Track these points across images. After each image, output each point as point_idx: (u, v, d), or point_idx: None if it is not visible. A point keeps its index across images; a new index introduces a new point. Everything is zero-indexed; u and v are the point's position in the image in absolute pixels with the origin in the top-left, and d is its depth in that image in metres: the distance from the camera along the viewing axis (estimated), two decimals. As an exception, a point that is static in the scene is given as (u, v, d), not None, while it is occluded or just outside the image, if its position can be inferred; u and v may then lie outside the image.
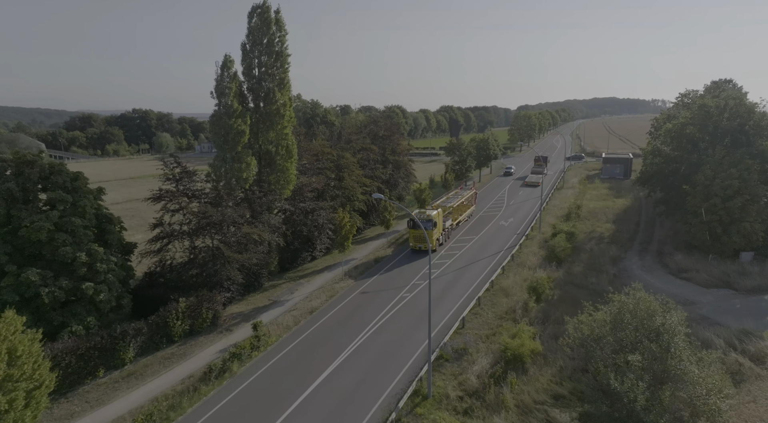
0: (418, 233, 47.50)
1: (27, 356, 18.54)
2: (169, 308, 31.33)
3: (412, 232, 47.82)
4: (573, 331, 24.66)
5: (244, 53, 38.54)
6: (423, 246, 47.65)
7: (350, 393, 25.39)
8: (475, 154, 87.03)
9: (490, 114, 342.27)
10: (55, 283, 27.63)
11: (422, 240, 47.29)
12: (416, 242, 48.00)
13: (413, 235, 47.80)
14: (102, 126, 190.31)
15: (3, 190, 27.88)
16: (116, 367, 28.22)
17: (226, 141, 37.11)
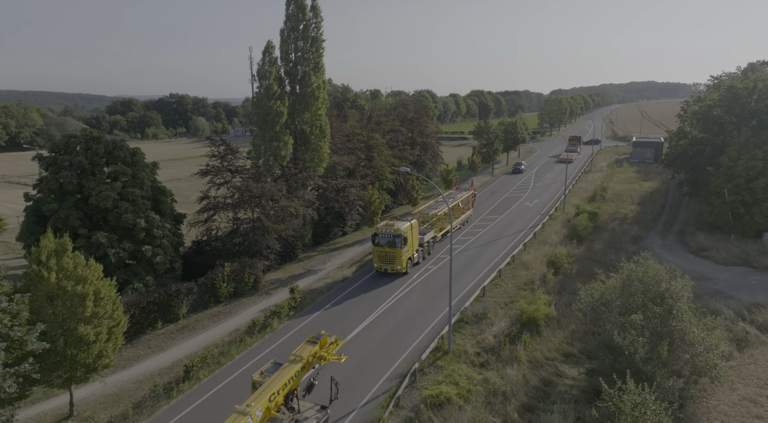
0: (382, 252, 37.73)
1: (108, 299, 21.96)
2: (216, 272, 34.76)
3: (376, 250, 37.96)
4: (584, 296, 26.69)
5: (283, 39, 41.24)
6: (390, 268, 37.86)
7: (377, 348, 28.24)
8: (503, 138, 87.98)
9: (521, 98, 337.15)
10: (120, 245, 31.29)
11: (389, 260, 37.71)
12: (381, 263, 38.02)
13: (377, 254, 38.06)
14: (141, 110, 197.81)
15: (75, 162, 31.55)
16: (172, 321, 31.87)
17: (266, 121, 40.06)
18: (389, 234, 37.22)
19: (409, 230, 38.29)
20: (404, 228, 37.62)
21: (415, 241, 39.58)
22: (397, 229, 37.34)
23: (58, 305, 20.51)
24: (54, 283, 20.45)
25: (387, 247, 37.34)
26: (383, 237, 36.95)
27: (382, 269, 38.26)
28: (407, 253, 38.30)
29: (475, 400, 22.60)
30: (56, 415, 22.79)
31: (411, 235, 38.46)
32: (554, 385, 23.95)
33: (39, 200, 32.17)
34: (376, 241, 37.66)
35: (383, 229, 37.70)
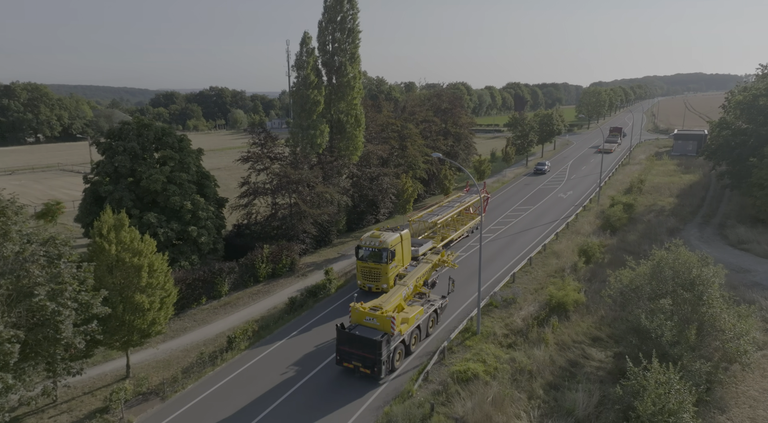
0: (366, 268, 32.55)
1: (160, 271, 23.86)
2: (255, 253, 36.60)
3: (359, 264, 32.88)
4: (614, 282, 26.98)
5: (320, 30, 42.57)
6: (374, 286, 32.50)
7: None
8: (538, 129, 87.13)
9: (559, 91, 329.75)
10: (168, 225, 33.43)
11: (373, 278, 32.41)
12: (365, 280, 32.89)
13: (360, 270, 33.02)
14: (183, 103, 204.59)
15: (128, 148, 33.84)
16: (215, 298, 33.89)
17: (304, 110, 41.57)
18: (374, 247, 32.10)
19: (398, 243, 32.99)
20: (392, 240, 32.25)
21: (407, 255, 34.49)
22: (383, 241, 32.08)
23: (117, 275, 22.49)
24: (114, 254, 22.44)
25: (371, 262, 32.16)
26: (367, 250, 32.26)
27: (366, 287, 32.85)
28: (395, 269, 32.75)
29: (501, 377, 23.42)
30: (115, 376, 24.98)
31: (401, 248, 33.18)
32: (581, 366, 24.49)
33: (96, 183, 34.64)
34: (359, 255, 32.66)
35: (367, 240, 32.72)
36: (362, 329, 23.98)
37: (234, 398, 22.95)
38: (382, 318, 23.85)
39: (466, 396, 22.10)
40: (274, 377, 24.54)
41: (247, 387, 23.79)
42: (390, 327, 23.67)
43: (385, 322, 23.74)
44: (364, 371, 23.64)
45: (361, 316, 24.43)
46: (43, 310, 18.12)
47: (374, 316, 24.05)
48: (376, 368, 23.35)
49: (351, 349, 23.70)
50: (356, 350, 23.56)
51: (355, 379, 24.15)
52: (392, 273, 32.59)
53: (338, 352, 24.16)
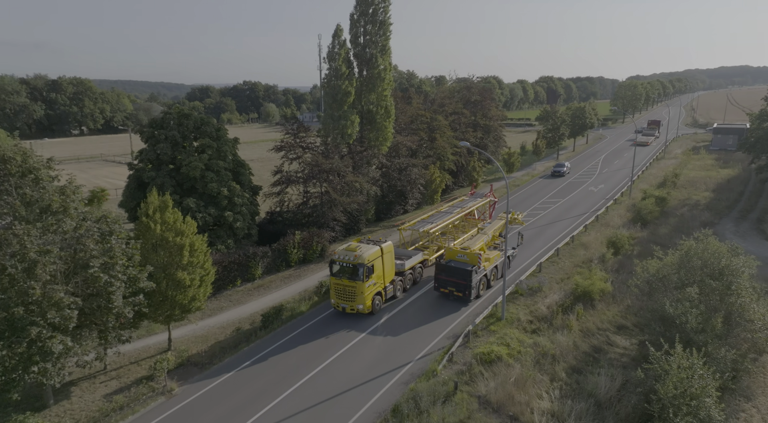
0: (339, 285, 28.80)
1: (200, 251, 25.35)
2: (287, 239, 37.99)
3: (333, 281, 29.14)
4: (640, 271, 27.03)
5: (352, 22, 43.49)
6: (348, 307, 28.84)
7: (433, 311, 30.16)
8: (570, 123, 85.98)
9: (594, 85, 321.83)
10: (206, 210, 35.10)
11: (347, 297, 28.69)
12: (338, 299, 29.14)
13: (333, 287, 29.21)
14: (217, 97, 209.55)
15: (169, 136, 35.64)
16: (249, 280, 35.45)
17: (335, 101, 42.65)
18: (348, 261, 28.20)
19: (377, 257, 29.13)
20: (369, 254, 28.42)
21: (389, 270, 30.46)
22: (359, 255, 28.11)
23: (161, 253, 24.04)
24: (158, 234, 24.00)
25: (345, 280, 28.33)
26: (341, 265, 28.45)
27: (340, 307, 29.14)
28: (373, 287, 28.94)
29: (524, 360, 23.97)
30: (158, 348, 26.72)
31: (381, 263, 29.41)
32: (604, 352, 24.79)
33: (140, 169, 36.61)
34: (332, 270, 28.85)
35: (341, 254, 28.77)
36: (455, 263, 30.69)
37: (268, 372, 24.28)
38: (471, 254, 30.48)
39: (489, 376, 22.77)
40: (306, 352, 25.78)
41: (281, 361, 25.07)
42: (477, 261, 30.27)
43: (473, 258, 30.31)
44: (457, 294, 30.66)
45: (454, 254, 31.21)
46: (97, 281, 19.73)
47: (465, 253, 30.74)
48: (467, 292, 30.16)
49: (447, 278, 30.70)
50: (451, 278, 30.55)
51: (385, 355, 25.14)
52: (369, 291, 28.61)
53: (436, 281, 31.32)
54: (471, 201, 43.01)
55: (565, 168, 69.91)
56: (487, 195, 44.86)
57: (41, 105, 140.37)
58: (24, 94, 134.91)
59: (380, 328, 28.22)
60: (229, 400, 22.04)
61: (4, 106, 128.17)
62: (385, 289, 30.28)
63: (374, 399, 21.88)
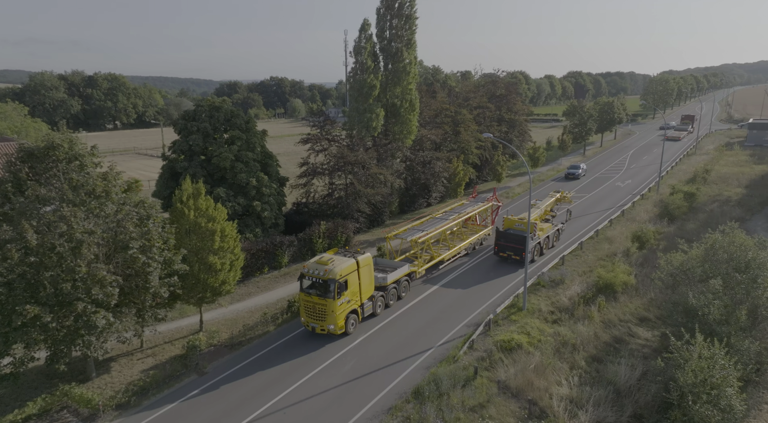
0: (309, 302, 25.97)
1: (230, 237, 26.45)
2: (313, 229, 38.95)
3: (302, 297, 26.31)
4: (664, 264, 26.95)
5: (379, 17, 44.06)
6: (318, 327, 25.98)
7: (456, 301, 30.66)
8: (597, 118, 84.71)
9: (624, 80, 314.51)
10: (235, 200, 36.32)
11: (317, 316, 25.84)
12: (308, 317, 26.27)
13: (303, 304, 26.38)
14: (245, 92, 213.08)
15: (201, 128, 36.96)
16: (276, 268, 36.57)
17: (360, 94, 43.36)
18: (318, 276, 25.35)
19: (352, 271, 26.21)
20: (342, 268, 25.43)
21: (368, 285, 27.71)
22: (330, 269, 25.16)
23: (194, 238, 25.20)
24: (192, 219, 25.16)
25: (315, 296, 25.47)
26: (310, 279, 25.75)
27: (309, 327, 26.29)
28: (347, 305, 26.07)
29: (544, 348, 24.28)
30: (190, 330, 28.00)
31: (357, 278, 26.63)
32: (625, 343, 24.89)
33: (173, 160, 38.08)
34: (302, 285, 26.25)
35: (311, 267, 25.81)
36: (513, 231, 35.10)
37: (294, 353, 25.23)
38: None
39: (509, 363, 23.20)
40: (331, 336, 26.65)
41: (307, 343, 26.00)
42: (533, 230, 34.74)
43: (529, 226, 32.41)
44: (514, 258, 35.01)
45: (512, 223, 35.34)
46: (136, 262, 20.94)
47: (522, 223, 34.73)
48: (524, 254, 32.08)
49: (506, 243, 35.12)
50: (509, 243, 34.88)
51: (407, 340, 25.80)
52: (342, 310, 25.71)
53: (497, 246, 35.88)
54: (471, 206, 40.45)
55: (580, 170, 64.18)
56: (489, 199, 42.01)
57: (78, 100, 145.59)
58: (62, 89, 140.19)
59: (405, 313, 28.91)
60: (257, 379, 23.07)
61: (44, 101, 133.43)
62: (362, 307, 27.34)
63: (396, 381, 22.58)
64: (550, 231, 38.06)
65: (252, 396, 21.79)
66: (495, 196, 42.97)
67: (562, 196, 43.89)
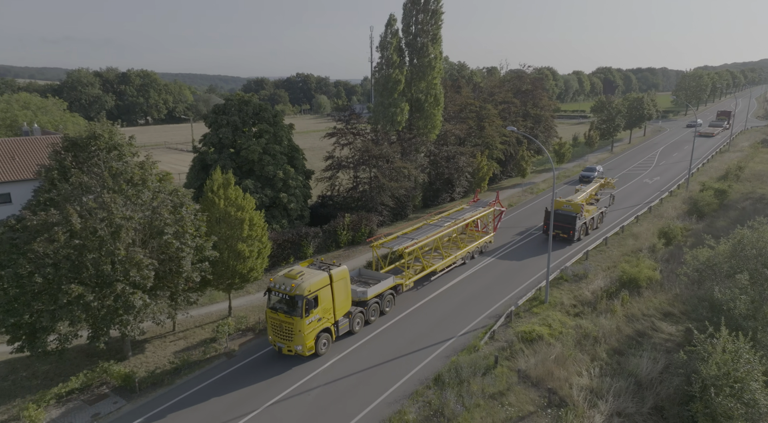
0: (275, 320, 23.55)
1: (258, 226, 27.37)
2: (338, 221, 39.74)
3: (269, 314, 23.91)
4: (690, 260, 26.68)
5: (405, 12, 44.43)
6: (285, 347, 23.50)
7: (478, 293, 30.97)
8: (626, 114, 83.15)
9: (656, 76, 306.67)
10: (263, 191, 37.35)
11: (284, 335, 23.38)
12: (275, 336, 23.91)
13: (269, 322, 23.99)
14: (271, 89, 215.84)
15: (231, 121, 38.08)
16: (301, 258, 37.45)
17: (385, 88, 43.84)
18: (285, 291, 22.95)
19: (324, 286, 23.70)
20: (311, 283, 23.07)
21: (343, 301, 25.16)
22: (298, 284, 22.81)
23: (223, 226, 26.19)
24: (222, 208, 26.15)
25: (281, 314, 23.13)
26: (277, 295, 23.47)
27: (276, 346, 23.89)
28: (318, 323, 23.55)
29: (565, 340, 24.42)
30: (219, 315, 29.10)
31: (329, 293, 24.15)
32: (648, 336, 24.81)
33: (203, 152, 39.34)
34: (269, 301, 23.86)
35: (278, 281, 23.51)
36: (562, 211, 38.74)
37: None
38: (576, 205, 38.59)
39: (529, 353, 23.44)
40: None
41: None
42: (580, 210, 38.46)
43: (576, 207, 38.47)
44: (563, 236, 38.58)
45: (561, 205, 39.06)
46: (170, 247, 21.98)
47: (570, 204, 38.70)
48: (572, 232, 38.28)
49: (555, 223, 38.00)
50: (558, 222, 38.36)
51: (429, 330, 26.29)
52: (312, 329, 23.20)
53: (546, 225, 39.09)
54: (471, 211, 37.68)
55: (596, 173, 58.89)
56: (492, 204, 39.27)
57: (112, 96, 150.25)
58: (97, 86, 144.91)
59: (438, 298, 29.40)
60: (284, 361, 23.89)
61: (80, 97, 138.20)
62: (336, 325, 24.87)
63: (417, 368, 23.10)
64: (594, 213, 41.57)
65: (279, 377, 22.62)
66: (498, 200, 40.49)
67: (606, 182, 46.92)
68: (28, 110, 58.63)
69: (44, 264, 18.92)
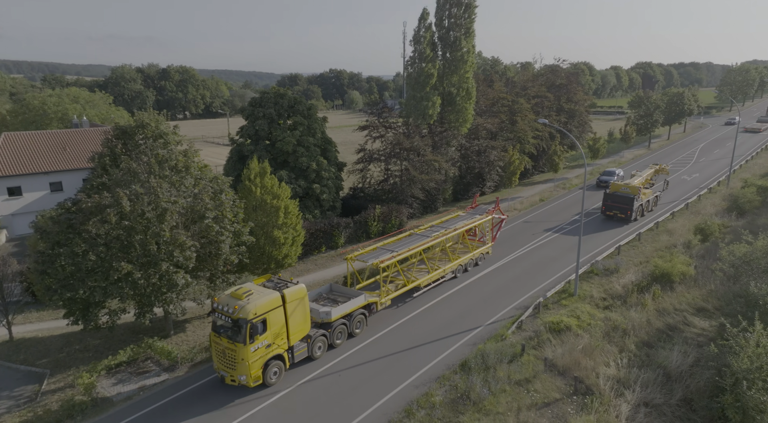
0: (219, 345, 20.80)
1: (293, 214, 28.41)
2: (368, 212, 40.51)
3: (213, 338, 21.10)
4: (726, 255, 26.21)
5: (438, 6, 44.71)
6: (229, 376, 20.72)
7: (506, 285, 31.20)
8: (665, 109, 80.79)
9: (699, 71, 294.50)
10: (296, 182, 38.46)
11: (228, 362, 20.62)
12: (219, 364, 21.10)
13: (214, 346, 21.15)
14: (305, 84, 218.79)
15: (267, 113, 39.32)
16: (333, 248, 38.46)
17: (418, 82, 44.26)
18: (227, 314, 20.31)
19: (274, 307, 20.92)
20: (258, 305, 20.32)
21: (300, 324, 22.27)
22: (242, 306, 20.11)
23: (260, 213, 27.33)
24: (258, 196, 27.28)
25: (224, 338, 20.47)
26: (220, 317, 20.74)
27: (220, 374, 21.21)
28: (266, 350, 20.86)
29: (593, 332, 24.47)
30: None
31: (282, 316, 21.31)
32: (680, 331, 24.57)
33: (240, 144, 40.74)
34: (214, 324, 21.13)
35: (223, 302, 20.87)
36: (620, 193, 42.15)
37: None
38: (634, 187, 41.96)
39: (557, 343, 23.63)
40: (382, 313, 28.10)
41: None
42: (638, 192, 41.65)
43: (635, 190, 41.76)
44: (620, 216, 42.09)
45: (618, 187, 42.46)
46: (210, 230, 23.17)
47: (627, 187, 42.14)
48: (629, 212, 41.57)
49: (613, 204, 42.27)
50: (617, 204, 42.07)
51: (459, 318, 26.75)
52: (258, 357, 20.50)
53: (605, 206, 42.93)
54: (466, 219, 34.64)
55: (615, 178, 54.35)
56: (490, 211, 35.89)
57: (153, 91, 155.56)
58: (139, 81, 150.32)
59: (467, 288, 29.85)
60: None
61: (123, 92, 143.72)
62: (291, 351, 22.07)
63: (444, 354, 23.63)
64: (650, 196, 44.50)
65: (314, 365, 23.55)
66: (498, 207, 36.90)
67: (661, 168, 49.74)
68: (77, 104, 61.79)
69: (97, 243, 20.35)
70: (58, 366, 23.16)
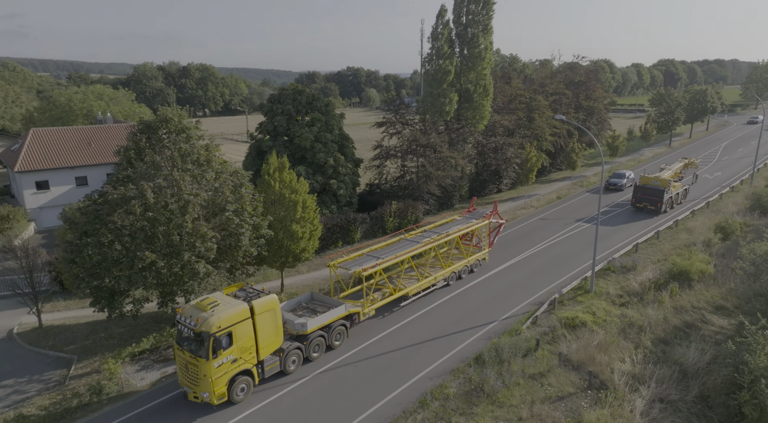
0: (182, 360, 19.58)
1: (311, 208, 28.84)
2: (385, 208, 40.85)
3: (176, 352, 19.85)
4: (746, 253, 25.90)
5: (456, 3, 44.75)
6: (192, 392, 19.39)
7: (522, 280, 31.25)
8: (687, 107, 79.39)
9: (725, 69, 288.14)
10: (314, 177, 38.98)
11: (191, 378, 19.37)
12: (182, 378, 19.87)
13: (178, 360, 19.91)
14: (322, 82, 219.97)
15: (285, 110, 39.90)
16: (349, 243, 38.89)
17: (435, 79, 44.40)
18: (190, 326, 19.00)
19: (241, 320, 19.60)
20: (223, 317, 18.98)
21: (271, 337, 20.91)
22: (205, 318, 18.78)
23: (278, 207, 27.82)
24: (277, 190, 27.78)
25: (187, 352, 19.27)
26: (183, 329, 19.47)
27: (183, 389, 19.96)
28: (231, 366, 19.48)
29: (609, 328, 24.44)
30: (272, 292, 30.87)
31: (251, 329, 20.05)
32: (697, 328, 24.40)
33: (259, 140, 41.44)
34: (178, 336, 19.91)
35: (186, 313, 19.55)
36: (651, 186, 43.35)
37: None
38: (664, 181, 43.02)
39: (572, 339, 23.68)
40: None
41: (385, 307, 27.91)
42: (668, 185, 42.79)
43: (664, 183, 42.91)
44: (650, 208, 43.29)
45: (648, 180, 43.72)
46: (230, 223, 23.74)
47: (658, 179, 43.29)
48: (659, 204, 42.72)
49: (643, 196, 43.54)
50: (647, 196, 43.34)
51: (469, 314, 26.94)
52: (222, 373, 19.15)
53: (635, 198, 44.17)
54: (461, 223, 32.99)
55: (625, 180, 52.54)
56: (488, 215, 34.73)
57: (173, 89, 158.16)
58: (160, 79, 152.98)
59: (482, 284, 30.03)
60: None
61: (145, 90, 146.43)
62: (260, 365, 20.69)
63: (459, 348, 23.87)
64: (679, 189, 45.58)
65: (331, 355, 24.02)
66: (496, 210, 35.74)
67: (690, 162, 50.47)
68: (101, 101, 63.33)
69: (122, 234, 21.06)
70: (84, 352, 24.01)
